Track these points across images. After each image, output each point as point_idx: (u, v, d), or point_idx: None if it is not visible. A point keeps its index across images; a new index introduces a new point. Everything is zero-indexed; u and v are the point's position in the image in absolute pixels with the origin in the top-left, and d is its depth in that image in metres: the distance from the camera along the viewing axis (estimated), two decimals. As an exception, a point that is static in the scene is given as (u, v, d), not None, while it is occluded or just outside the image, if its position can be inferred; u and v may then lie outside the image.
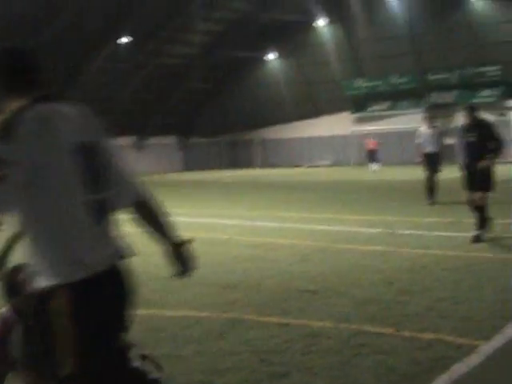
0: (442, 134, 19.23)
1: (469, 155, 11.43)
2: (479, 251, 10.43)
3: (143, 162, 58.33)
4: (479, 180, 11.29)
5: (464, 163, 11.62)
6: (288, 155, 58.52)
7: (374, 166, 41.43)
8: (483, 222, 11.42)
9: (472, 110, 11.81)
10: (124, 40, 46.07)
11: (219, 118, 60.62)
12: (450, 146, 14.89)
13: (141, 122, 57.32)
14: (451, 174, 16.48)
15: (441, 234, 12.36)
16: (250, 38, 52.19)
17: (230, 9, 50.66)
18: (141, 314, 5.41)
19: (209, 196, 26.69)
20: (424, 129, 19.08)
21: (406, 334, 6.28)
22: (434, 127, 19.15)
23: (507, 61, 46.35)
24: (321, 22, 51.84)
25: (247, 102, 58.91)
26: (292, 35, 53.77)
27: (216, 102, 60.40)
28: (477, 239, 11.19)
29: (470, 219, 11.92)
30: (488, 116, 47.04)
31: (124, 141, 56.72)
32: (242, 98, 59.09)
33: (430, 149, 18.36)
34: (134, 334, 3.53)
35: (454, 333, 6.24)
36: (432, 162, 18.08)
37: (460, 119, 15.86)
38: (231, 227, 15.07)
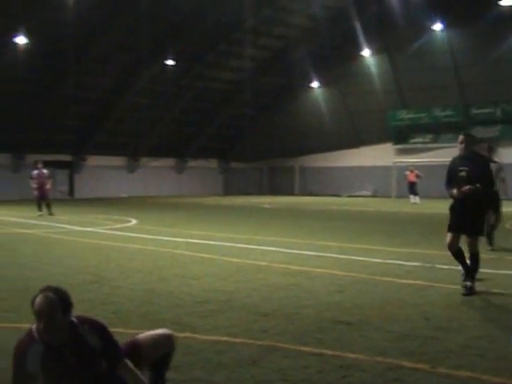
0: (501, 170, 16.21)
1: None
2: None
3: (183, 184, 58.82)
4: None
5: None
6: (328, 184, 58.50)
7: (415, 199, 41.18)
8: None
9: (471, 141, 10.44)
10: (170, 62, 46.48)
11: (261, 143, 60.86)
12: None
13: (183, 145, 57.73)
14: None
15: (480, 270, 12.17)
16: (294, 66, 52.36)
17: (275, 36, 50.91)
18: (174, 336, 5.42)
19: (248, 221, 26.68)
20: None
21: (442, 370, 6.18)
22: (494, 162, 15.71)
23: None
24: (366, 52, 51.89)
25: (289, 128, 59.10)
26: (337, 64, 53.90)
27: (258, 128, 60.66)
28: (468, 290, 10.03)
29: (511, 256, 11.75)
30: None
31: (166, 162, 57.27)
32: (285, 124, 59.29)
33: None
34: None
35: (489, 372, 6.12)
36: (490, 202, 14.96)
37: (503, 154, 15.57)
38: (269, 254, 15.04)
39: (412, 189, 41.91)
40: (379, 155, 54.48)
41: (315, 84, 56.88)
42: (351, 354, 6.73)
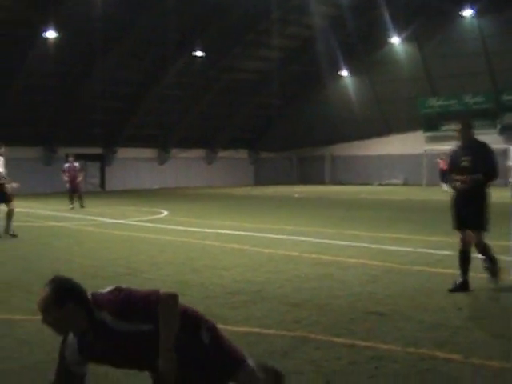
0: None
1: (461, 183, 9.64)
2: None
3: (214, 175, 58.89)
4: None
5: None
6: (358, 173, 58.34)
7: (446, 187, 40.89)
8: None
9: (468, 127, 9.88)
10: (198, 54, 46.50)
11: (290, 133, 60.77)
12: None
13: (212, 136, 57.80)
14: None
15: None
16: (322, 55, 52.14)
17: (304, 25, 50.72)
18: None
19: (278, 211, 26.67)
20: None
21: (475, 361, 6.18)
22: None
23: None
24: (394, 40, 51.51)
25: (318, 118, 58.91)
26: (365, 52, 53.59)
27: (287, 118, 60.56)
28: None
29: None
30: None
31: (196, 153, 57.39)
32: (314, 114, 59.09)
33: None
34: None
35: (524, 362, 6.11)
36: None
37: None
38: (300, 244, 15.06)
39: (444, 176, 41.57)
40: (409, 143, 54.23)
41: (344, 73, 56.58)
42: (383, 344, 6.74)
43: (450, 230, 9.99)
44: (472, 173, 9.32)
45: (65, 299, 4.13)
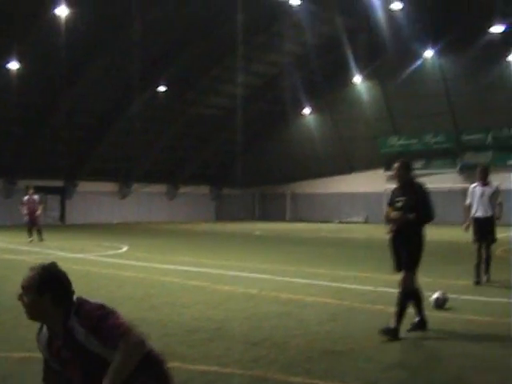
0: (496, 194, 14.76)
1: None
2: None
3: (175, 210, 58.78)
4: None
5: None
6: (319, 210, 58.63)
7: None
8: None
9: (405, 167, 9.67)
10: (162, 88, 46.60)
11: (253, 169, 60.96)
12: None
13: (175, 171, 57.75)
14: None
15: (473, 298, 12.18)
16: (286, 93, 52.50)
17: (269, 62, 51.11)
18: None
19: (239, 248, 26.64)
20: (475, 186, 14.83)
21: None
22: (487, 184, 14.71)
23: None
24: (357, 79, 52.09)
25: (281, 155, 59.29)
26: (328, 91, 54.09)
27: (250, 154, 60.79)
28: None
29: (507, 282, 11.70)
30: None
31: (157, 188, 57.23)
32: (277, 151, 59.48)
33: (480, 213, 14.59)
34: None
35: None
36: (483, 230, 14.51)
37: (494, 180, 15.33)
38: (260, 282, 15.00)
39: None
40: (371, 182, 54.63)
41: (307, 111, 57.09)
42: (341, 384, 6.70)
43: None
44: (406, 213, 9.25)
45: (46, 290, 4.04)
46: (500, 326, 9.75)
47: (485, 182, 14.63)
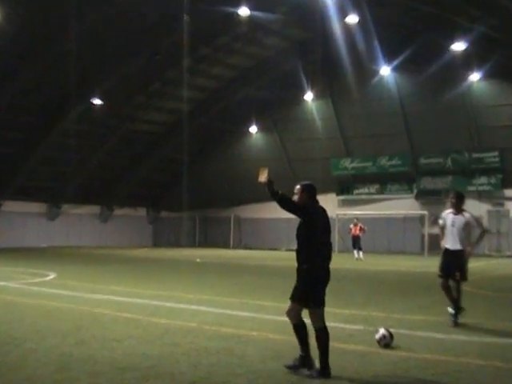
0: (469, 226, 13.74)
1: None
2: (470, 356, 10.23)
3: (108, 234, 58.24)
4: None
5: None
6: (266, 237, 58.68)
7: (358, 254, 41.34)
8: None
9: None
10: (97, 101, 46.26)
11: (195, 191, 60.40)
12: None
13: (109, 191, 57.26)
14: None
15: (427, 334, 12.24)
16: (232, 109, 52.61)
17: (213, 76, 51.17)
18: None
19: (178, 277, 26.63)
20: (448, 213, 14.01)
21: None
22: (459, 213, 13.80)
23: (506, 147, 46.84)
24: (308, 96, 52.33)
25: (225, 176, 59.24)
26: (277, 108, 54.32)
27: (192, 175, 60.28)
28: None
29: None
30: (484, 206, 47.86)
31: (89, 210, 56.68)
32: (220, 171, 59.39)
33: (449, 244, 13.77)
34: None
35: None
36: (450, 264, 13.65)
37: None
38: (200, 314, 14.88)
39: (356, 243, 42.13)
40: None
41: (253, 129, 57.09)
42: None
43: (363, 301, 10.04)
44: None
45: None
46: (457, 365, 9.81)
47: (457, 211, 13.78)
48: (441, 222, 14.00)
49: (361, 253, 41.29)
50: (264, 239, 58.76)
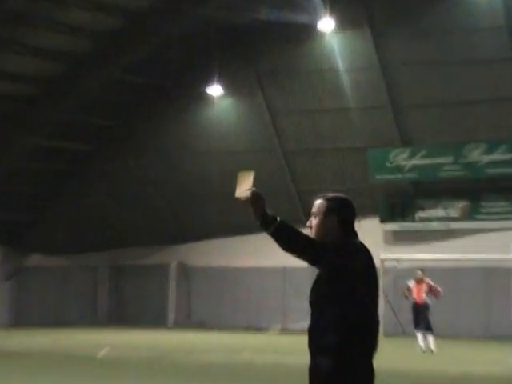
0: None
1: None
2: None
3: None
4: None
5: None
6: (238, 305, 61.11)
7: (427, 339, 40.70)
8: None
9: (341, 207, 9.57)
10: None
11: (95, 216, 61.12)
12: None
13: None
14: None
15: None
16: (164, 52, 53.11)
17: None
18: None
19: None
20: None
21: None
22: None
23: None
24: (326, 25, 51.63)
25: (156, 185, 63.27)
26: (264, 48, 55.03)
27: (88, 184, 60.62)
28: None
29: None
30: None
31: None
32: (147, 175, 61.64)
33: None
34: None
35: None
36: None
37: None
38: None
39: (421, 318, 41.93)
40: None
41: (216, 89, 57.51)
42: None
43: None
44: None
45: None
46: None
47: None
48: None
49: (431, 338, 40.60)
50: (236, 310, 58.01)
